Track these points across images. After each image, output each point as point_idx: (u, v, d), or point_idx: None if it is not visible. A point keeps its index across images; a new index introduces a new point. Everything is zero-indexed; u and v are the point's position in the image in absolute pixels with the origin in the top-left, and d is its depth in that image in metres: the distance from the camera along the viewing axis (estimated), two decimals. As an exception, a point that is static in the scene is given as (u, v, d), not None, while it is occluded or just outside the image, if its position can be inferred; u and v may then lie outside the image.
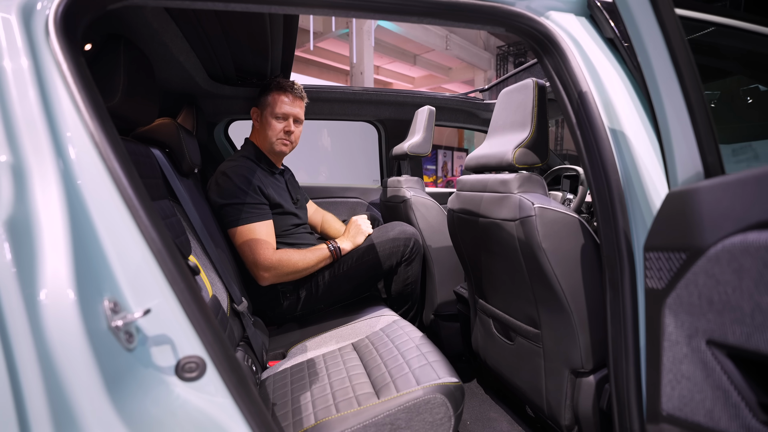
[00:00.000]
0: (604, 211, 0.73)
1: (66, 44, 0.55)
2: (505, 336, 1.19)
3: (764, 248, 0.37)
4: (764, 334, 0.39)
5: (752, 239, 0.39)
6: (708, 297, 0.45)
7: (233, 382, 0.54)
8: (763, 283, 0.38)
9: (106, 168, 0.52)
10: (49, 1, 0.55)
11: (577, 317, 0.90)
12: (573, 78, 0.79)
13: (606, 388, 0.90)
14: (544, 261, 0.89)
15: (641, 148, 0.72)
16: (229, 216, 1.36)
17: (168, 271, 0.54)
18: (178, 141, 1.17)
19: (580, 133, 0.78)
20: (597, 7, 0.84)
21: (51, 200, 0.48)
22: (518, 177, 0.98)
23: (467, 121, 2.32)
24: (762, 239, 0.38)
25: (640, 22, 0.56)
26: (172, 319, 0.53)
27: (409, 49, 11.39)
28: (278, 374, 1.14)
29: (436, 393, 0.85)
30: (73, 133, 0.52)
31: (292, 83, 1.51)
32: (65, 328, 0.44)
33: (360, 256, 1.49)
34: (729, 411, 0.43)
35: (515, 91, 1.06)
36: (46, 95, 0.52)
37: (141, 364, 0.50)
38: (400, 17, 0.80)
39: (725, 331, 0.43)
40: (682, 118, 0.54)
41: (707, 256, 0.44)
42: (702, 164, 0.53)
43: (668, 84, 0.55)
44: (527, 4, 0.83)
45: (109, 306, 0.48)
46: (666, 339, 0.52)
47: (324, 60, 11.28)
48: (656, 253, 0.54)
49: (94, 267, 0.50)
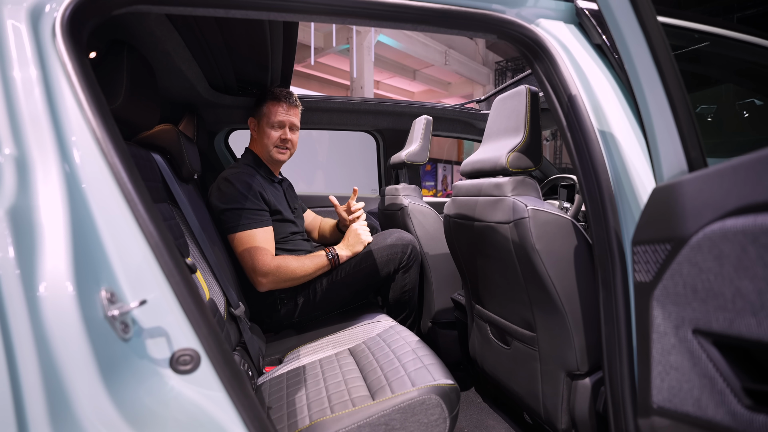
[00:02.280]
0: (595, 210, 0.75)
1: (72, 46, 0.57)
2: (501, 341, 1.19)
3: (741, 233, 0.39)
4: (745, 319, 0.40)
5: (730, 225, 0.40)
6: (692, 286, 0.46)
7: (227, 375, 0.55)
8: (742, 267, 0.39)
9: (107, 163, 0.54)
10: (57, 4, 0.58)
11: (572, 318, 0.90)
12: (563, 82, 0.81)
13: (602, 390, 0.90)
14: (537, 262, 0.90)
15: (629, 147, 0.74)
16: (229, 221, 1.37)
17: (165, 264, 0.55)
18: (178, 147, 1.19)
19: (571, 135, 0.80)
20: (585, 15, 0.87)
21: (52, 193, 0.50)
22: (512, 180, 0.99)
23: (464, 131, 2.35)
24: (739, 224, 0.39)
25: (624, 28, 0.58)
26: (168, 312, 0.54)
27: (408, 64, 11.57)
28: (274, 379, 1.14)
29: (431, 394, 0.85)
30: (76, 131, 0.54)
31: (287, 92, 1.55)
32: (63, 317, 0.45)
33: (358, 263, 1.49)
34: (715, 398, 0.44)
35: (508, 98, 1.08)
36: (51, 93, 0.54)
37: (136, 354, 0.51)
38: (396, 24, 0.83)
39: (709, 319, 0.44)
40: (666, 116, 0.56)
41: (690, 244, 0.45)
42: (686, 159, 0.55)
43: (652, 85, 0.57)
44: (518, 12, 0.86)
45: (106, 296, 0.49)
46: (654, 331, 0.53)
47: (325, 75, 11.46)
48: (643, 247, 0.55)
49: (92, 259, 0.51)
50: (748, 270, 0.39)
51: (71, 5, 0.59)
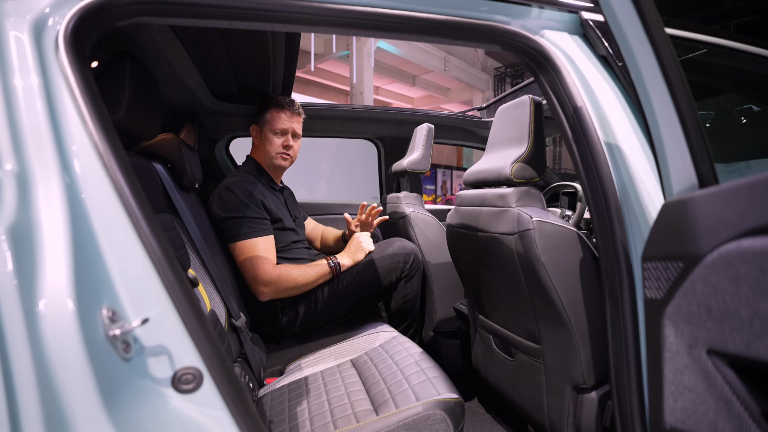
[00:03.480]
0: (601, 223, 0.74)
1: (74, 58, 0.57)
2: (505, 352, 1.17)
3: (759, 254, 0.38)
4: (764, 341, 0.39)
5: (747, 245, 0.39)
6: (707, 305, 0.45)
7: (230, 394, 0.53)
8: (760, 289, 0.38)
9: (109, 179, 0.53)
10: (60, 17, 0.57)
11: (578, 331, 0.89)
12: (568, 94, 0.81)
13: (609, 404, 0.88)
14: (543, 274, 0.89)
15: (636, 160, 0.73)
16: (230, 230, 1.36)
17: (167, 281, 0.54)
18: (179, 156, 1.18)
19: (577, 147, 0.79)
20: (589, 26, 0.86)
21: (54, 209, 0.49)
22: (516, 191, 0.99)
23: (466, 138, 2.35)
24: (757, 245, 0.38)
25: (632, 40, 0.57)
26: (170, 330, 0.53)
27: (408, 70, 11.63)
28: (276, 391, 1.12)
29: (435, 409, 0.83)
30: (79, 145, 0.53)
31: (290, 100, 1.55)
32: (62, 336, 0.44)
33: (359, 273, 1.48)
34: (732, 422, 0.43)
35: (512, 107, 1.08)
36: (54, 107, 0.53)
37: (137, 374, 0.50)
38: (399, 35, 0.82)
39: (725, 340, 0.43)
40: (675, 130, 0.55)
41: (704, 263, 0.44)
42: (696, 175, 0.54)
43: (660, 98, 0.57)
44: (522, 23, 0.86)
45: (107, 315, 0.48)
46: (666, 350, 0.52)
47: (325, 81, 11.51)
48: (654, 263, 0.54)
49: (94, 276, 0.50)
50: (766, 292, 0.38)
51: (74, 18, 0.58)
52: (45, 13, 0.57)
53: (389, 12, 0.77)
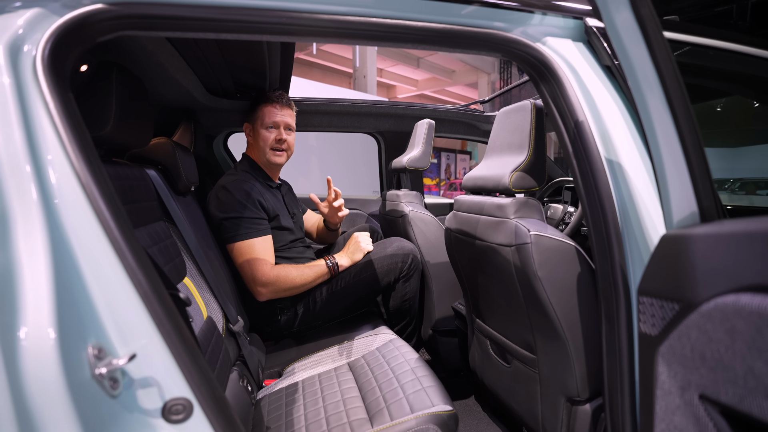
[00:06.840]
0: (600, 244, 0.72)
1: (54, 82, 0.55)
2: (502, 358, 1.18)
3: (756, 313, 0.36)
4: (757, 399, 0.38)
5: (745, 302, 0.38)
6: (701, 352, 0.44)
7: (220, 424, 0.53)
8: (756, 347, 0.37)
9: (93, 211, 0.52)
10: (35, 42, 0.55)
11: (573, 346, 0.89)
12: (569, 106, 0.78)
13: (602, 417, 0.89)
14: (539, 288, 0.88)
15: (638, 180, 0.71)
16: (228, 231, 1.36)
17: (154, 312, 0.53)
18: (174, 160, 1.17)
19: (577, 163, 0.77)
20: (594, 34, 0.83)
21: (35, 246, 0.48)
22: (515, 202, 0.97)
23: (468, 132, 2.31)
24: (755, 303, 0.37)
25: (636, 65, 0.55)
26: (159, 362, 0.53)
27: (412, 52, 11.38)
28: (273, 394, 1.14)
29: (429, 423, 0.84)
30: (60, 176, 0.52)
31: (279, 93, 1.53)
32: (45, 379, 0.43)
33: (358, 273, 1.48)
34: (722, 471, 0.42)
35: (513, 111, 1.05)
36: (33, 137, 0.52)
37: (126, 409, 0.50)
38: (397, 44, 0.79)
39: (718, 389, 0.42)
40: (678, 160, 0.53)
41: (700, 311, 0.43)
42: (698, 208, 0.52)
43: (665, 128, 0.54)
44: (523, 30, 0.82)
45: (93, 353, 0.48)
46: (659, 387, 0.51)
47: (327, 63, 11.30)
48: (650, 299, 0.53)
49: (78, 312, 0.49)
50: (762, 352, 0.36)
51: (52, 38, 0.56)
52: (19, 34, 0.55)
53: (384, 21, 0.74)
